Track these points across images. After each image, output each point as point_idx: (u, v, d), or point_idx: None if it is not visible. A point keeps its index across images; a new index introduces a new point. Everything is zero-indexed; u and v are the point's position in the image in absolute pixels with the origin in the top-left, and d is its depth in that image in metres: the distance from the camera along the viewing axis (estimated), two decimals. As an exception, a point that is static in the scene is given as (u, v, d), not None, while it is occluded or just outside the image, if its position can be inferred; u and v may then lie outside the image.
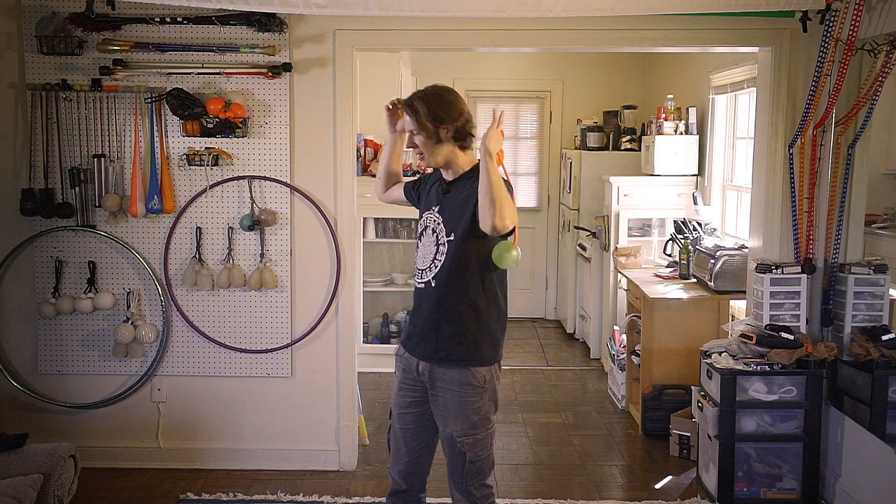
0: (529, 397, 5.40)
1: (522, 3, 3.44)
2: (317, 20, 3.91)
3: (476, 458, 2.67)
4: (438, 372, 2.66)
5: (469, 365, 2.64)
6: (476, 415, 2.65)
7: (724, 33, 3.94)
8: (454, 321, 2.64)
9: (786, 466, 3.77)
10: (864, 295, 3.64)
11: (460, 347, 2.65)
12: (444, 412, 2.68)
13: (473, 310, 2.64)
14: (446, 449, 2.72)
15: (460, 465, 2.68)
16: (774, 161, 3.93)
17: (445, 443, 2.71)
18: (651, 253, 5.77)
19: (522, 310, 7.62)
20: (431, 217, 2.71)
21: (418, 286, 2.73)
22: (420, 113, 2.62)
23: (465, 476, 2.68)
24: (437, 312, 2.66)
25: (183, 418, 4.17)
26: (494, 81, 7.32)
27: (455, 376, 2.64)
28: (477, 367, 2.65)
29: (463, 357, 2.64)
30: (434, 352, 2.67)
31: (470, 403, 2.64)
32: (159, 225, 4.05)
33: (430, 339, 2.68)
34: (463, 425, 2.64)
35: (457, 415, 2.65)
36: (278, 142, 4.01)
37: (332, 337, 4.13)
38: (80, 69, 3.92)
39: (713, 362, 3.74)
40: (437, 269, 2.64)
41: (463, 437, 2.64)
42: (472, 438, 2.65)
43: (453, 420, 2.65)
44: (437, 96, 2.65)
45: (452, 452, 2.69)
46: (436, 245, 2.66)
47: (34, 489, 2.88)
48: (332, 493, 3.88)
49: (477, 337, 2.66)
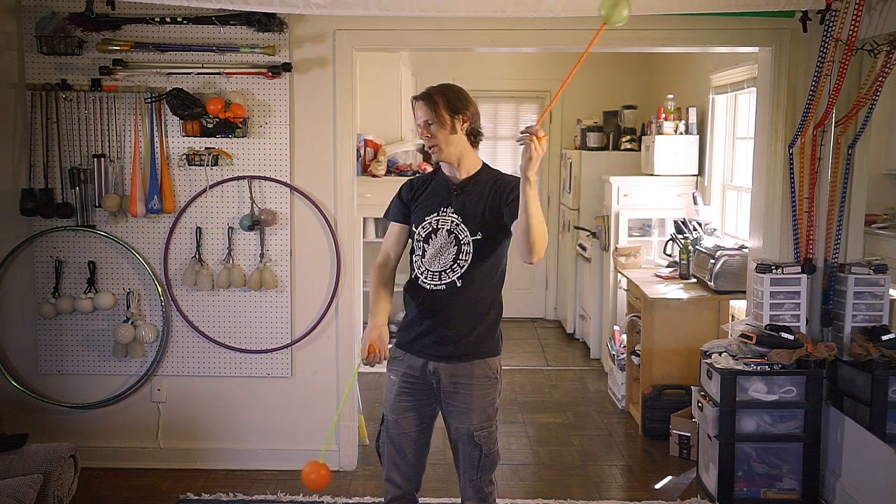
0: (529, 397, 5.40)
1: (522, 3, 3.44)
2: (317, 20, 3.91)
3: (490, 451, 2.70)
4: (461, 368, 2.67)
5: (489, 356, 2.71)
6: (491, 406, 2.71)
7: (724, 33, 3.94)
8: (484, 319, 2.69)
9: (786, 466, 3.77)
10: (864, 295, 3.64)
11: (486, 342, 2.70)
12: (464, 408, 2.68)
13: (495, 304, 2.73)
14: (461, 446, 2.72)
15: (476, 460, 2.69)
16: (774, 161, 3.93)
17: (461, 439, 2.71)
18: (651, 253, 5.77)
19: (522, 310, 7.62)
20: (445, 218, 2.67)
21: (433, 288, 2.67)
22: (438, 103, 2.63)
23: (479, 471, 2.70)
24: (467, 312, 2.66)
25: (183, 418, 4.16)
26: (494, 81, 7.31)
27: (478, 370, 2.68)
28: (493, 358, 2.72)
29: (486, 350, 2.70)
30: (461, 350, 2.67)
31: (488, 395, 2.70)
32: (159, 225, 4.05)
33: (457, 339, 2.67)
34: (480, 418, 2.68)
35: (477, 408, 2.67)
36: (278, 142, 4.01)
37: (332, 337, 4.13)
38: (80, 69, 3.92)
39: (713, 362, 3.74)
40: (463, 270, 2.63)
41: (480, 430, 2.68)
42: (486, 432, 2.69)
43: (474, 414, 2.67)
44: (451, 89, 2.69)
45: (468, 448, 2.69)
46: (456, 245, 2.64)
47: (34, 489, 2.89)
48: (331, 493, 3.88)
49: (494, 330, 2.74)
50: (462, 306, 2.66)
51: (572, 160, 6.72)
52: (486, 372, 2.69)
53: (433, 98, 2.64)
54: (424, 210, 2.73)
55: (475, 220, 2.64)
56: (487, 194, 2.66)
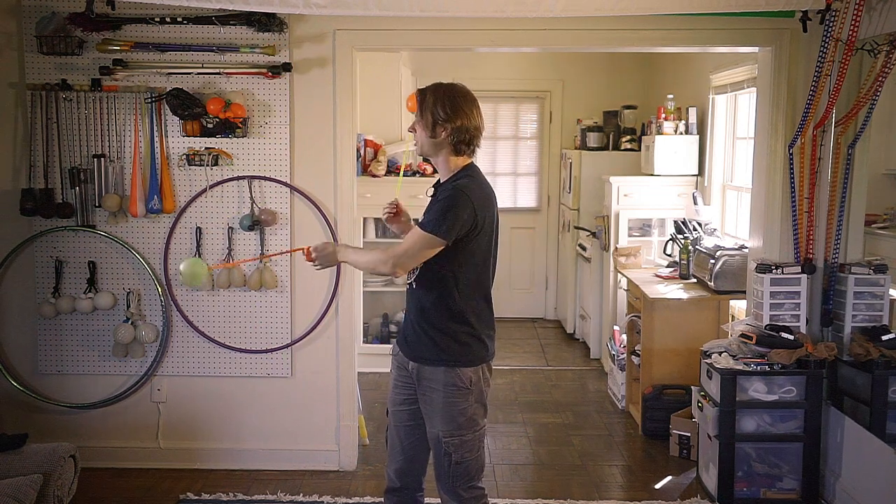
0: (529, 397, 5.40)
1: (522, 3, 3.44)
2: (317, 20, 3.91)
3: (462, 459, 2.67)
4: (425, 371, 2.68)
5: (455, 365, 2.65)
6: (462, 416, 2.65)
7: (724, 33, 3.94)
8: (433, 322, 2.66)
9: (786, 466, 3.77)
10: (864, 295, 3.64)
11: (443, 348, 2.65)
12: (430, 412, 2.69)
13: (449, 310, 2.65)
14: (433, 449, 2.74)
15: (446, 466, 2.69)
16: (774, 161, 3.93)
17: (432, 442, 2.73)
18: (651, 253, 5.77)
19: (522, 310, 7.62)
20: None
21: (407, 286, 2.77)
22: (427, 102, 2.64)
23: (450, 477, 2.69)
24: (418, 313, 2.70)
25: (183, 418, 4.16)
26: (494, 81, 7.31)
27: (440, 376, 2.65)
28: (463, 368, 2.65)
29: (447, 357, 2.65)
30: (419, 351, 2.69)
31: (455, 404, 2.64)
32: (159, 225, 4.05)
33: (414, 339, 2.71)
34: (448, 426, 2.65)
35: (442, 415, 2.66)
36: (278, 142, 4.01)
37: (332, 337, 4.13)
38: (80, 69, 3.92)
39: (713, 362, 3.74)
40: (417, 271, 2.67)
41: (448, 437, 2.65)
42: (457, 440, 2.65)
43: (439, 420, 2.67)
44: (448, 94, 2.65)
45: (438, 452, 2.70)
46: None
47: (34, 489, 2.89)
48: (332, 493, 3.88)
49: (459, 337, 2.65)
50: (416, 308, 2.70)
51: (572, 160, 6.72)
52: (454, 381, 2.64)
53: (425, 97, 2.66)
54: None
55: None
56: (440, 200, 2.63)
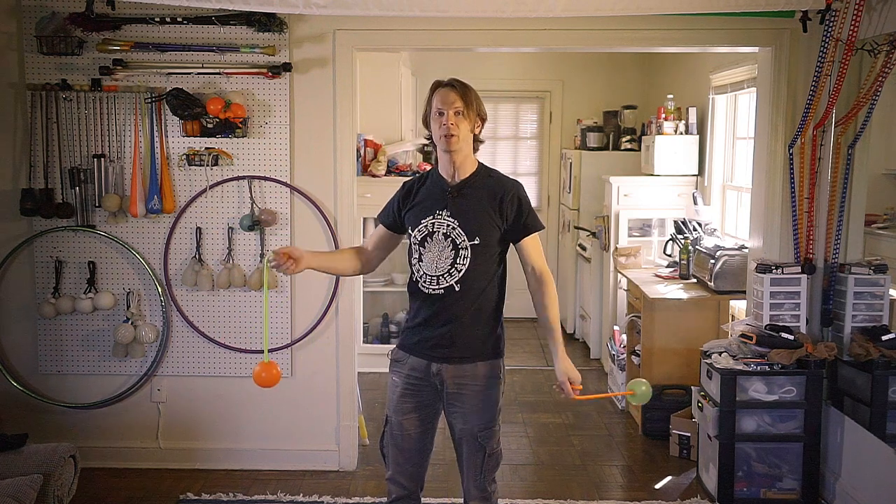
0: (529, 397, 5.40)
1: (522, 3, 3.44)
2: (317, 20, 3.91)
3: (493, 451, 2.72)
4: (465, 369, 2.67)
5: (498, 357, 2.74)
6: (496, 406, 2.72)
7: (724, 33, 3.94)
8: (485, 320, 2.69)
9: (786, 466, 3.77)
10: (864, 295, 3.64)
11: (488, 343, 2.71)
12: (468, 409, 2.68)
13: (496, 307, 2.74)
14: (465, 447, 2.72)
15: (480, 461, 2.70)
16: (774, 161, 3.93)
17: (465, 440, 2.71)
18: (651, 253, 5.77)
19: (522, 310, 7.50)
20: (440, 221, 2.65)
21: (432, 292, 2.65)
22: (470, 96, 2.64)
23: (483, 471, 2.71)
24: (474, 314, 2.67)
25: (183, 418, 4.16)
26: (494, 81, 7.30)
27: (484, 370, 2.69)
28: (499, 359, 2.74)
29: (492, 350, 2.72)
30: (463, 352, 2.67)
31: (492, 396, 2.71)
32: (159, 225, 4.05)
33: (457, 342, 2.66)
34: (484, 419, 2.69)
35: (483, 409, 2.68)
36: (278, 142, 4.01)
37: (332, 337, 4.13)
38: (80, 69, 3.92)
39: (713, 362, 3.74)
40: (461, 274, 2.62)
41: (483, 430, 2.68)
42: (490, 431, 2.70)
43: (475, 415, 2.68)
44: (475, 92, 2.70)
45: (472, 449, 2.70)
46: (453, 249, 2.62)
47: (34, 489, 2.89)
48: (332, 493, 3.88)
49: (498, 331, 2.75)
50: (461, 310, 2.65)
51: (572, 160, 6.72)
52: (495, 372, 2.71)
53: (468, 93, 2.65)
54: (420, 213, 2.70)
55: (473, 225, 2.62)
56: (486, 198, 2.64)
